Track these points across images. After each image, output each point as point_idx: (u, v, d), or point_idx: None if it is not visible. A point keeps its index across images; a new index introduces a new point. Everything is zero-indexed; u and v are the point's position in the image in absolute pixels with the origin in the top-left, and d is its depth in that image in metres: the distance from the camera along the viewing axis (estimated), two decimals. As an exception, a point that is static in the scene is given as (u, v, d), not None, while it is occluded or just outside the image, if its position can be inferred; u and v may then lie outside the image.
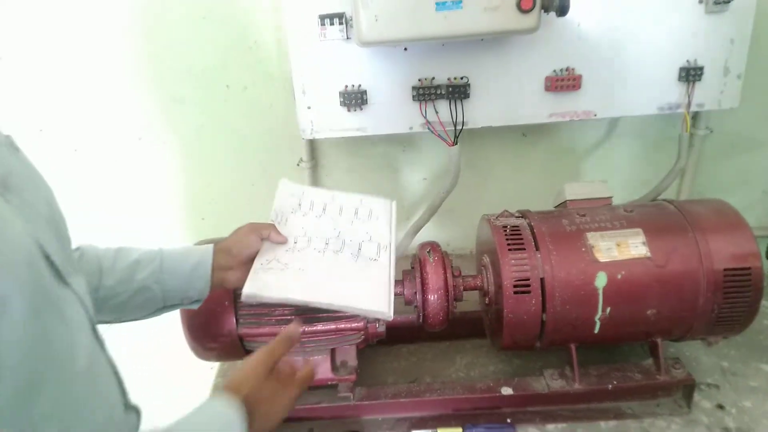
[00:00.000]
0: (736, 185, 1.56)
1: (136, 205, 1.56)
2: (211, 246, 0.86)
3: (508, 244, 0.98)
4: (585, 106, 1.27)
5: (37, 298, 0.48)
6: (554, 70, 1.24)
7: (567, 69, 1.23)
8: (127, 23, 1.33)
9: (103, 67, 1.38)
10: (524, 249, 0.97)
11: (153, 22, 1.33)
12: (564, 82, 1.23)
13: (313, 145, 1.45)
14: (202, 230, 1.59)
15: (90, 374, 0.56)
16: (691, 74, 1.24)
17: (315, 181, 1.51)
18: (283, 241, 0.92)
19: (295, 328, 0.76)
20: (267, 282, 0.85)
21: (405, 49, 1.21)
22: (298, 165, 1.49)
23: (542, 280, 0.95)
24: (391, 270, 0.94)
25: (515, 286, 0.95)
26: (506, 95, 1.25)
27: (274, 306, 0.96)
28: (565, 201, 1.10)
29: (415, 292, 1.03)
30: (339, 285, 0.89)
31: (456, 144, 1.27)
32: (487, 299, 1.05)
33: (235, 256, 0.86)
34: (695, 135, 1.35)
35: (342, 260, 0.93)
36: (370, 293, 0.89)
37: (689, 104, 1.27)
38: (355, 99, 1.23)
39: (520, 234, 1.00)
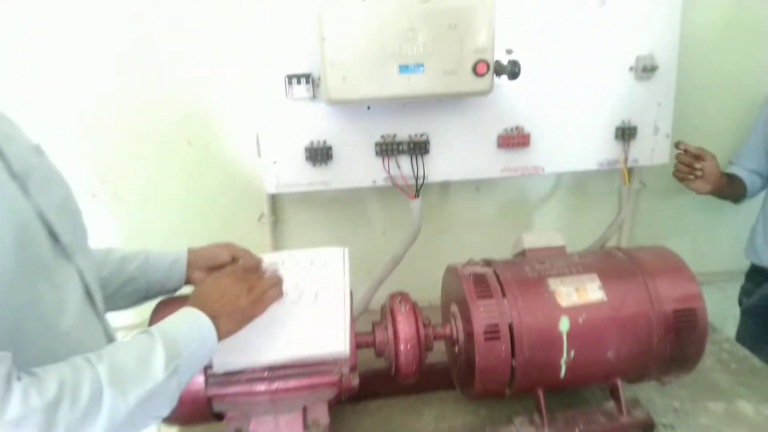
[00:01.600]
0: (668, 234, 1.69)
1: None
2: (185, 249, 1.02)
3: (477, 292, 1.02)
4: (534, 162, 1.36)
5: (25, 258, 0.60)
6: (505, 129, 1.33)
7: (517, 128, 1.33)
8: (89, 71, 1.32)
9: (56, 116, 1.35)
10: (492, 296, 1.01)
11: (117, 75, 1.33)
12: (514, 140, 1.32)
13: (274, 200, 1.47)
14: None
15: (76, 335, 0.68)
16: (626, 133, 1.36)
17: (276, 236, 1.51)
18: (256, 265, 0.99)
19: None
20: (232, 348, 0.88)
21: (368, 107, 1.27)
22: (259, 220, 1.49)
23: (510, 326, 0.99)
24: (346, 309, 0.99)
25: (486, 332, 0.98)
26: (463, 151, 1.33)
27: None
28: (524, 249, 1.17)
29: (387, 342, 1.04)
30: (296, 336, 0.94)
31: (418, 197, 1.32)
32: (456, 348, 1.08)
33: (204, 260, 1.00)
34: (630, 188, 1.48)
35: (300, 308, 0.99)
36: (326, 336, 0.95)
37: (626, 160, 1.39)
38: (320, 154, 1.27)
39: (487, 281, 1.04)
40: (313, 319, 0.97)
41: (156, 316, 0.98)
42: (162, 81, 1.35)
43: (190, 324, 0.76)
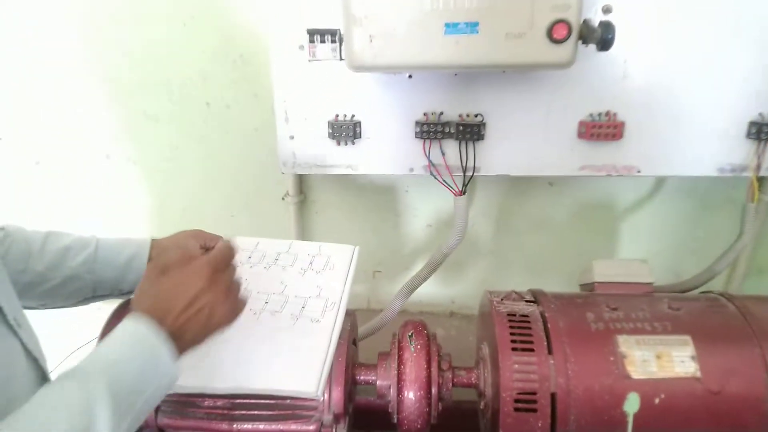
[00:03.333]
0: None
1: (101, 228, 1.37)
2: (148, 240, 0.82)
3: (513, 341, 0.75)
4: (626, 160, 1.03)
5: None
6: (591, 114, 1.01)
7: (607, 114, 1.00)
8: (99, 26, 1.16)
9: (69, 74, 1.21)
10: (533, 350, 0.75)
11: (127, 27, 1.16)
12: (602, 130, 1.00)
13: (302, 178, 1.25)
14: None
15: None
16: (763, 131, 0.99)
17: (303, 218, 1.31)
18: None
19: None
20: (186, 364, 0.66)
21: (410, 76, 1.00)
22: (283, 199, 1.29)
23: (554, 396, 0.72)
24: (332, 334, 0.78)
25: (517, 401, 0.72)
26: (529, 140, 1.03)
27: (201, 395, 0.76)
28: (593, 283, 0.87)
29: (389, 386, 0.81)
30: (264, 361, 0.75)
31: (464, 194, 1.04)
32: (482, 403, 0.83)
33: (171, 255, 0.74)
34: (760, 205, 1.10)
35: (277, 323, 0.79)
36: (297, 368, 0.74)
37: (758, 167, 1.02)
38: (346, 131, 1.03)
39: (530, 327, 0.77)
40: (288, 342, 0.77)
41: (113, 324, 0.82)
42: (178, 32, 1.15)
43: (145, 358, 0.55)
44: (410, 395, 0.77)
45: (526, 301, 0.82)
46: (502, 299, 0.83)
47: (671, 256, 1.32)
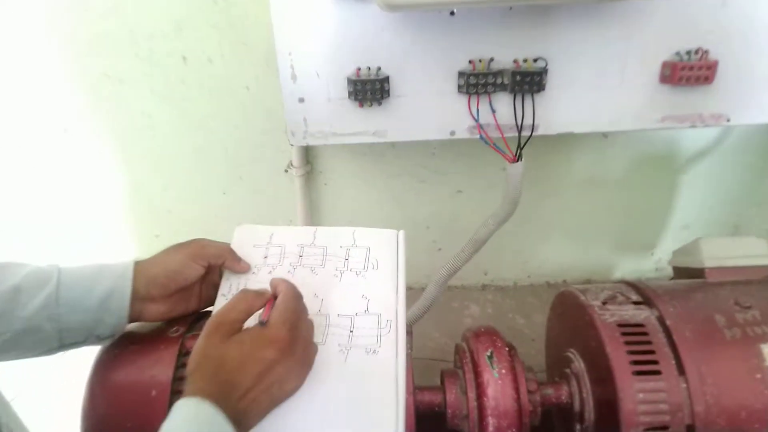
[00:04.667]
0: None
1: (67, 216, 1.15)
2: (129, 267, 0.59)
3: (633, 362, 0.59)
4: (716, 108, 0.84)
5: None
6: (678, 53, 0.81)
7: (697, 51, 0.80)
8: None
9: (11, 34, 0.94)
10: (659, 372, 0.58)
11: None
12: (692, 72, 0.80)
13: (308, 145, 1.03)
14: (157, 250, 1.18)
15: None
16: None
17: (310, 193, 1.10)
18: (244, 270, 0.68)
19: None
20: None
21: (452, 13, 0.78)
22: (286, 171, 1.08)
23: (690, 429, 0.57)
24: (398, 372, 0.59)
25: (645, 439, 0.57)
26: (601, 88, 0.83)
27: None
28: (703, 268, 0.70)
29: (465, 417, 0.64)
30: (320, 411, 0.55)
31: (520, 159, 0.85)
32: (578, 427, 0.67)
33: (163, 286, 0.61)
34: None
35: (324, 364, 0.58)
36: (366, 414, 0.56)
37: None
38: (371, 89, 0.81)
39: (650, 342, 0.60)
40: (344, 394, 0.57)
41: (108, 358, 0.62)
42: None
43: None
44: (498, 427, 0.61)
45: (634, 303, 0.65)
46: (603, 302, 0.65)
47: (730, 209, 1.17)
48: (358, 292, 0.66)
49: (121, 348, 0.63)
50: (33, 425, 0.56)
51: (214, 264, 0.65)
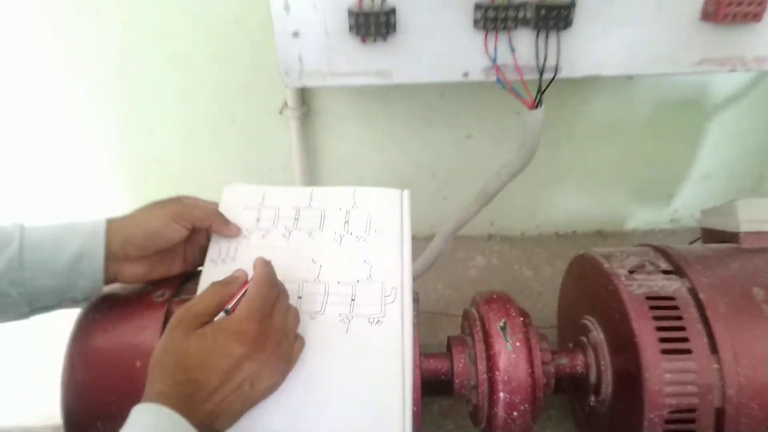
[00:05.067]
0: None
1: (43, 159, 1.07)
2: (101, 225, 0.54)
3: (661, 339, 0.54)
4: (761, 50, 0.75)
5: None
6: (725, -16, 0.71)
7: (749, -18, 0.70)
8: None
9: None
10: (690, 351, 0.53)
11: None
12: (740, 8, 0.70)
13: (303, 84, 0.94)
14: (145, 196, 1.11)
15: None
16: None
17: (307, 136, 1.02)
18: (234, 234, 0.61)
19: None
20: None
21: (469, -68, 0.67)
22: (280, 113, 0.99)
23: (720, 412, 0.52)
24: (404, 344, 0.54)
25: (668, 422, 0.52)
26: (635, 25, 0.73)
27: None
28: (738, 232, 0.64)
29: (473, 388, 0.60)
30: (321, 409, 0.50)
31: (540, 106, 0.77)
32: (593, 399, 0.63)
33: (140, 247, 0.55)
34: None
35: (323, 332, 0.54)
36: (367, 412, 0.51)
37: None
38: (375, 23, 0.71)
39: (681, 317, 0.55)
40: (345, 366, 0.53)
41: (86, 326, 0.57)
42: None
43: None
44: (514, 413, 0.57)
45: (664, 272, 0.59)
46: (630, 271, 0.59)
47: (756, 160, 1.09)
48: (359, 257, 0.60)
49: (102, 313, 0.58)
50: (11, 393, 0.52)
51: (199, 227, 0.59)
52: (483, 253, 1.16)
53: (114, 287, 0.60)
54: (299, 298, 0.57)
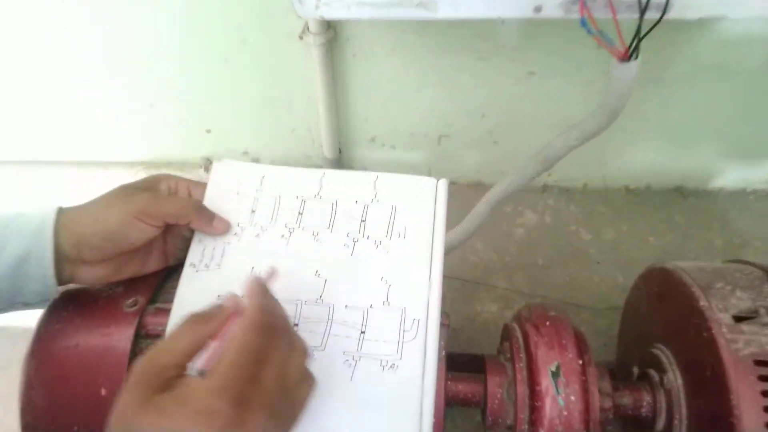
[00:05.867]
0: None
1: (35, 92, 0.95)
2: (48, 220, 0.43)
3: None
4: None
5: None
6: None
7: None
8: None
9: None
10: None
11: None
12: None
13: (329, 3, 0.75)
14: (151, 124, 0.99)
15: None
16: None
17: (333, 67, 0.84)
18: (220, 232, 0.49)
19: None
20: None
21: None
22: (300, 38, 0.81)
23: None
24: (425, 399, 0.42)
25: None
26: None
27: None
28: None
29: (510, 428, 0.49)
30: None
31: (635, 57, 0.57)
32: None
33: (97, 249, 0.45)
34: None
35: (321, 379, 0.40)
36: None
37: None
38: (417, -64, 0.52)
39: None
40: (351, 408, 0.42)
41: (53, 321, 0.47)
42: None
43: None
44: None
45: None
46: (737, 318, 0.44)
47: None
48: (376, 272, 0.47)
49: (63, 323, 0.48)
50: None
51: (173, 224, 0.46)
52: (534, 208, 1.00)
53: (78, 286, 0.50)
54: (296, 325, 0.45)
